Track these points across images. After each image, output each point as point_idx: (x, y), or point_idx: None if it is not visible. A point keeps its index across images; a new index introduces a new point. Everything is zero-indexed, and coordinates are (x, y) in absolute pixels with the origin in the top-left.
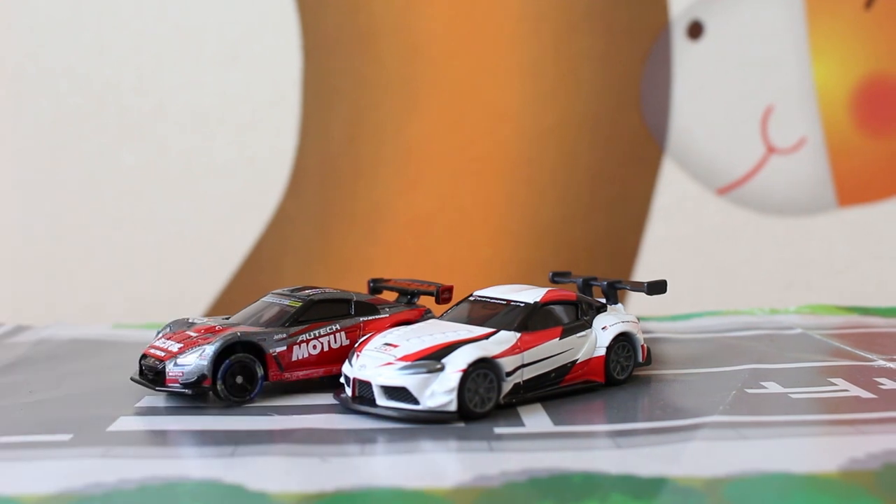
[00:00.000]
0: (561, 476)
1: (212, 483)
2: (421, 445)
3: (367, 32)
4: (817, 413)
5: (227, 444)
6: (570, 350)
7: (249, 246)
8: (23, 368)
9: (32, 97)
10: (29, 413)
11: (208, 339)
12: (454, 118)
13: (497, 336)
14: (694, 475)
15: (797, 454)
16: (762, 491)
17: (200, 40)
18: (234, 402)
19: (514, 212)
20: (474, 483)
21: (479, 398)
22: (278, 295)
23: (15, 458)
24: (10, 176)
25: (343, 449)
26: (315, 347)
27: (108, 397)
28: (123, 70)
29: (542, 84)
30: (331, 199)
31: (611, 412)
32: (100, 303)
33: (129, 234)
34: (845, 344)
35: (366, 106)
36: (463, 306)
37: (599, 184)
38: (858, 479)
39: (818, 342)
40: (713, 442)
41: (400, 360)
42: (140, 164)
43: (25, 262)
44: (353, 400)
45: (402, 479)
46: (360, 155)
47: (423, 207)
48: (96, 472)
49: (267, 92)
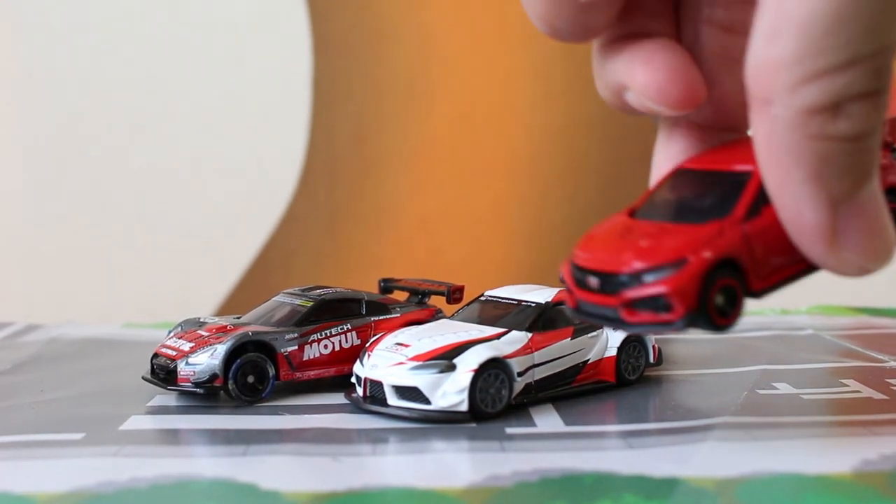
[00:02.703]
0: (573, 476)
1: (224, 482)
2: (432, 445)
3: (377, 33)
4: (829, 414)
5: (239, 443)
6: (582, 350)
7: (259, 245)
8: (34, 367)
9: (42, 99)
10: (41, 412)
11: (220, 338)
12: (463, 118)
13: (508, 336)
14: (706, 476)
15: (809, 455)
16: (774, 492)
17: (209, 41)
18: (246, 401)
19: (524, 212)
20: (486, 483)
21: (491, 398)
22: (289, 294)
23: (27, 456)
24: (21, 176)
25: (355, 448)
26: (326, 347)
27: (120, 396)
28: (133, 71)
29: (551, 84)
30: (340, 198)
31: (622, 412)
32: (110, 302)
33: (139, 234)
34: (856, 345)
35: (375, 106)
36: (474, 306)
37: (609, 183)
38: (871, 481)
39: (829, 343)
40: (725, 443)
41: (411, 360)
42: (149, 165)
43: (36, 262)
44: (365, 399)
45: (414, 479)
46: (369, 155)
47: (433, 207)
48: (108, 470)
49: (276, 92)
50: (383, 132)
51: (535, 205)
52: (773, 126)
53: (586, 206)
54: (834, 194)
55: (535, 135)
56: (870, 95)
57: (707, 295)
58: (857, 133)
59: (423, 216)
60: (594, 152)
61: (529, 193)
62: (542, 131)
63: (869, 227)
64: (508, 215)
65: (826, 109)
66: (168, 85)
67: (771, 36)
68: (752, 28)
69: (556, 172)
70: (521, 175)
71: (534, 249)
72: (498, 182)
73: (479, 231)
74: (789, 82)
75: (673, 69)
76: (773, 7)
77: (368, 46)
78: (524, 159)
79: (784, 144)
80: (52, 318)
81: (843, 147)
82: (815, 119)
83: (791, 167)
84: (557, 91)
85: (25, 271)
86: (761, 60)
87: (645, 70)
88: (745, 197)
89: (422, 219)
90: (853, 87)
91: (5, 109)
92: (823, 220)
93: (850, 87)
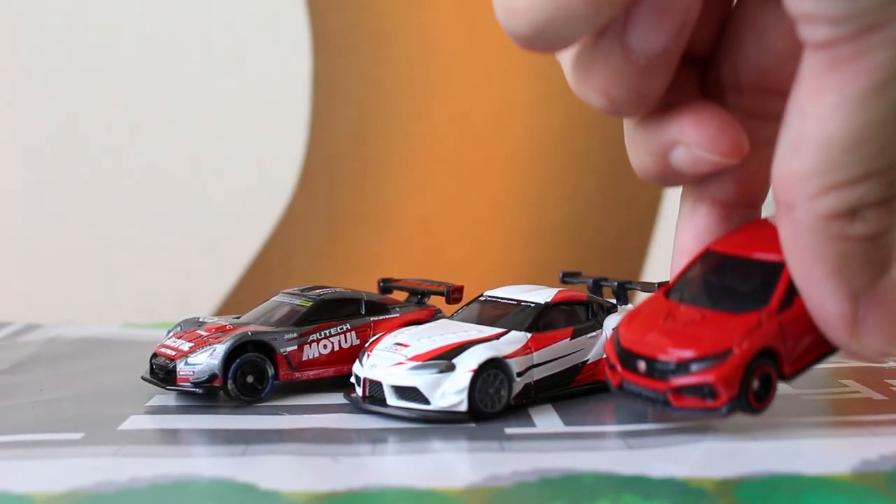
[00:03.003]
0: (572, 476)
1: (223, 482)
2: (432, 445)
3: (376, 32)
4: (828, 414)
5: (239, 443)
6: (581, 350)
7: (259, 245)
8: (33, 367)
9: (42, 98)
10: (40, 411)
11: (219, 338)
12: (463, 118)
13: (508, 336)
14: (705, 476)
15: (808, 455)
16: (773, 492)
17: (209, 41)
18: (245, 401)
19: (524, 212)
20: (485, 483)
21: (490, 398)
22: (289, 294)
23: (26, 456)
24: (21, 176)
25: (354, 448)
26: (326, 347)
27: (119, 396)
28: (132, 71)
29: (551, 84)
30: (339, 198)
31: (621, 413)
32: (109, 302)
33: (138, 233)
34: None
35: (374, 106)
36: (473, 306)
37: (609, 183)
38: (870, 481)
39: None
40: (724, 443)
41: (411, 360)
42: (149, 165)
43: (35, 261)
44: (364, 399)
45: (414, 479)
46: (369, 154)
47: (433, 207)
48: (107, 470)
49: (275, 92)
50: (383, 132)
51: (535, 205)
52: (796, 228)
53: (586, 206)
54: (854, 287)
55: (535, 135)
56: (885, 202)
57: (748, 382)
58: (874, 234)
59: (423, 216)
60: (594, 152)
61: (529, 193)
62: (542, 131)
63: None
64: (508, 215)
65: (844, 215)
66: (167, 85)
67: (794, 151)
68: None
69: (555, 172)
70: (521, 175)
71: (533, 249)
72: (498, 182)
73: (479, 231)
74: (810, 192)
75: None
76: (796, 126)
77: (368, 46)
78: (524, 159)
79: (806, 245)
80: (51, 318)
81: (862, 246)
82: (835, 223)
83: (814, 264)
84: (557, 91)
85: (24, 271)
86: (785, 172)
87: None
88: (780, 289)
89: (421, 219)
90: (868, 196)
91: (5, 109)
92: (845, 311)
93: (865, 197)
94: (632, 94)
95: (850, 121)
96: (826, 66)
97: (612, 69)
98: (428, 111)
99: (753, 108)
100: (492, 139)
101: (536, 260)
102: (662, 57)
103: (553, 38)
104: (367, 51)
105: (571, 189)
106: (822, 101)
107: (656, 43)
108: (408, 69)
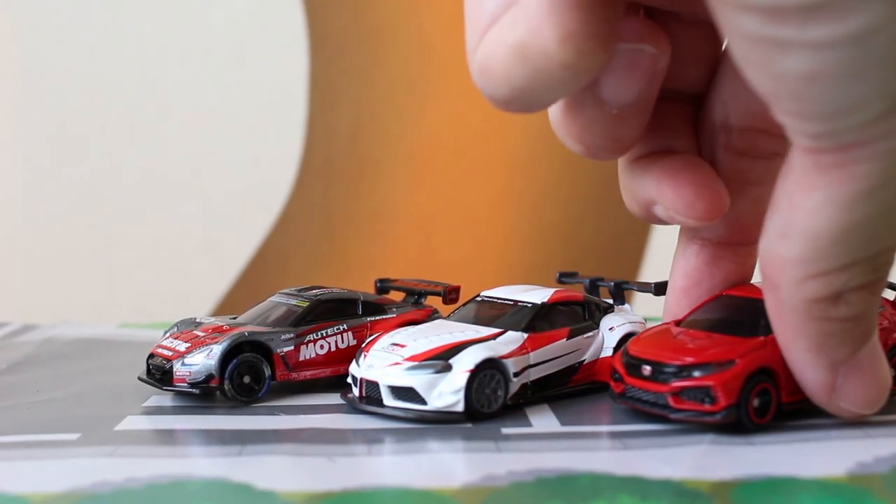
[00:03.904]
0: (568, 476)
1: (219, 482)
2: (428, 445)
3: (374, 32)
4: (824, 417)
5: (235, 443)
6: (578, 351)
7: (256, 246)
8: (30, 367)
9: (39, 99)
10: (36, 412)
11: (216, 338)
12: (461, 118)
13: (504, 336)
14: (701, 478)
15: (805, 458)
16: (770, 494)
17: (206, 41)
18: (242, 401)
19: (521, 212)
20: (482, 483)
21: (487, 398)
22: (286, 295)
23: (23, 456)
24: (18, 177)
25: (350, 449)
26: (322, 347)
27: (116, 396)
28: (130, 71)
29: None
30: (336, 199)
31: (618, 413)
32: (106, 302)
33: (136, 234)
34: None
35: (372, 106)
36: (470, 307)
37: (606, 184)
38: (867, 483)
39: None
40: (721, 445)
41: (407, 360)
42: (146, 165)
43: (32, 262)
44: (361, 400)
45: (410, 479)
46: (366, 155)
47: (430, 207)
48: (104, 470)
49: (273, 92)
50: (380, 132)
51: (532, 205)
52: (780, 306)
53: (583, 206)
54: (834, 360)
55: (532, 135)
56: (868, 285)
57: (748, 395)
58: (856, 315)
59: (420, 216)
60: None
61: (527, 194)
62: (540, 131)
63: (866, 382)
64: (505, 216)
65: (828, 299)
66: (165, 85)
67: (781, 236)
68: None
69: (553, 173)
70: (519, 176)
71: (530, 250)
72: (495, 182)
73: (476, 231)
74: (796, 277)
75: (699, 185)
76: (785, 213)
77: (365, 46)
78: (521, 160)
79: (789, 322)
80: (47, 318)
81: (844, 326)
82: (818, 306)
83: (795, 338)
84: None
85: (21, 271)
86: (772, 254)
87: (673, 186)
88: None
89: (418, 219)
90: (853, 281)
91: (5, 109)
92: (825, 379)
93: (850, 282)
94: (607, 141)
95: (837, 219)
96: (813, 168)
97: (586, 118)
98: (425, 111)
99: (745, 147)
100: (489, 140)
101: (533, 260)
102: (635, 106)
103: (530, 101)
104: (365, 51)
105: (569, 190)
106: (810, 196)
107: (627, 94)
108: (405, 69)
